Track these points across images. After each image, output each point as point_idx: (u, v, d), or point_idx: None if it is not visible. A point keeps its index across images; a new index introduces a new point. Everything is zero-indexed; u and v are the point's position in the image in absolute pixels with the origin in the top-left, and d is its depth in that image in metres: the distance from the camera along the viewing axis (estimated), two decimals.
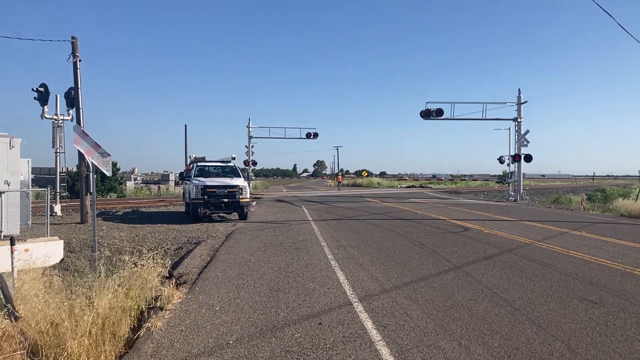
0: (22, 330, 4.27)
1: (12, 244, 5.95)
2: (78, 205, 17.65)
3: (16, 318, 4.38)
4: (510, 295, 6.28)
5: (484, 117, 30.69)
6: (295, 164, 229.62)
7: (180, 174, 22.19)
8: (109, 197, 31.92)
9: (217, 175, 18.26)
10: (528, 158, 30.32)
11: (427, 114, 29.90)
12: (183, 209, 21.47)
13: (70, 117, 19.14)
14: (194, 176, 17.42)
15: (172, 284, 6.62)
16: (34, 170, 29.26)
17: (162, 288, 6.07)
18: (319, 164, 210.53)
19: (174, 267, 8.33)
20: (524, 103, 30.63)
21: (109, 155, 7.54)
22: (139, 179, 53.45)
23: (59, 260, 8.81)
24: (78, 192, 19.22)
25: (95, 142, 7.42)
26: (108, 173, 7.68)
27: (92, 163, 7.44)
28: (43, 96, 17.98)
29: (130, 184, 41.43)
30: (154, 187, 42.87)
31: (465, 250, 10.01)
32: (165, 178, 51.28)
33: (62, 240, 9.49)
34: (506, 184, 37.13)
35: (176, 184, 45.23)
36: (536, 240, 11.52)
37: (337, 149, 78.64)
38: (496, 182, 74.52)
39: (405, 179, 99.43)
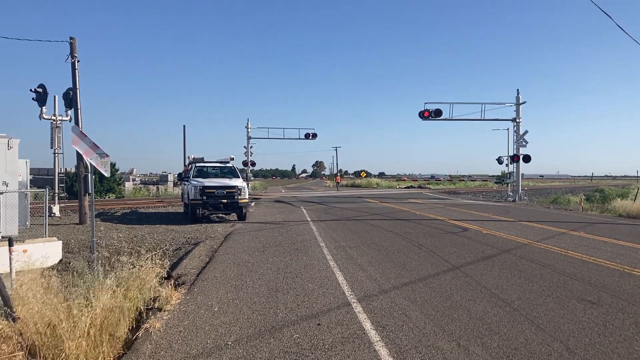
0: (21, 331, 4.26)
1: (11, 244, 5.94)
2: (76, 206, 17.62)
3: (14, 319, 4.37)
4: (509, 295, 6.28)
5: (482, 118, 30.77)
6: (294, 165, 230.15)
7: (179, 174, 22.17)
8: (107, 198, 31.85)
9: (216, 175, 18.25)
10: (527, 158, 30.38)
11: (426, 115, 29.95)
12: (182, 210, 21.45)
13: (69, 118, 19.11)
14: (193, 177, 17.40)
15: (171, 284, 6.61)
16: (33, 171, 29.18)
17: (161, 289, 6.06)
18: (318, 165, 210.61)
19: (172, 268, 8.31)
20: (523, 103, 30.69)
21: (107, 155, 7.53)
22: (137, 179, 53.39)
23: (57, 261, 8.80)
24: (76, 193, 19.19)
25: (93, 143, 7.41)
26: (106, 174, 7.66)
27: (91, 164, 7.43)
28: (41, 97, 17.95)
29: (128, 185, 41.38)
30: (153, 188, 42.82)
31: (464, 250, 10.01)
32: (163, 179, 51.21)
33: (61, 241, 9.48)
34: (505, 185, 37.20)
35: (175, 184, 45.16)
36: (535, 240, 11.53)
37: (336, 150, 78.74)
38: (495, 183, 74.57)
39: (404, 180, 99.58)
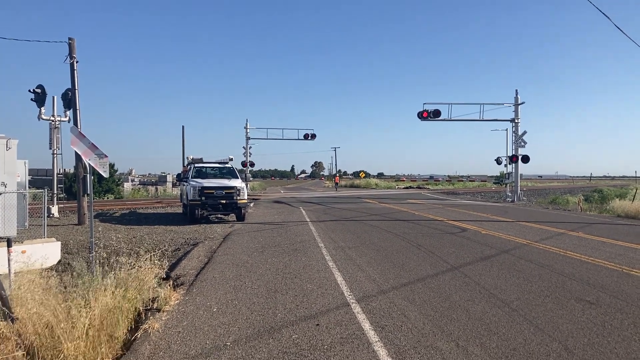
0: (19, 332, 4.26)
1: (9, 245, 5.94)
2: (75, 206, 17.59)
3: (13, 320, 4.37)
4: (508, 296, 6.29)
5: (481, 118, 30.82)
6: (293, 165, 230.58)
7: (178, 175, 22.16)
8: (106, 199, 31.82)
9: (215, 176, 18.26)
10: (525, 159, 30.40)
11: (425, 115, 29.96)
12: (181, 211, 21.42)
13: (67, 119, 19.08)
14: (192, 177, 17.40)
15: (170, 285, 6.61)
16: (31, 172, 29.16)
17: (160, 289, 6.05)
18: (317, 165, 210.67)
19: (171, 269, 8.31)
20: (522, 104, 30.71)
21: (106, 156, 7.52)
22: (136, 180, 53.34)
23: (56, 262, 8.79)
24: (75, 194, 19.16)
25: (92, 144, 7.40)
26: (105, 174, 7.66)
27: (89, 164, 7.42)
28: (40, 97, 17.92)
29: (127, 186, 41.34)
30: (152, 189, 42.78)
31: (463, 251, 10.02)
32: (162, 179, 51.17)
33: (60, 242, 9.47)
34: (503, 185, 37.23)
35: (174, 185, 45.17)
36: (533, 241, 11.55)
37: (335, 150, 78.90)
38: (493, 183, 74.63)
39: (403, 180, 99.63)
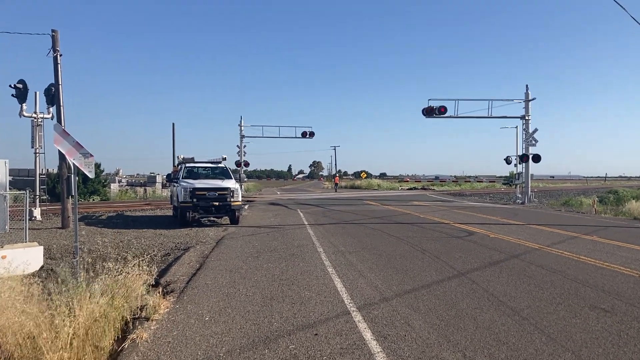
0: None
1: None
2: (59, 209, 17.56)
3: None
4: (518, 303, 6.29)
5: (489, 115, 30.87)
6: (290, 165, 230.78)
7: (168, 175, 22.16)
8: (91, 201, 31.78)
9: (207, 177, 18.26)
10: (536, 158, 30.43)
11: (430, 112, 29.99)
12: (171, 213, 21.42)
13: (51, 116, 19.06)
14: (182, 178, 17.39)
15: (159, 292, 6.59)
16: (12, 172, 29.15)
17: (148, 297, 6.04)
18: (316, 165, 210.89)
19: (160, 275, 8.30)
20: (532, 100, 30.80)
21: (91, 155, 7.51)
22: (123, 181, 53.27)
23: (38, 268, 8.78)
24: (59, 195, 19.13)
25: (77, 142, 7.39)
26: (91, 175, 7.64)
27: (74, 164, 7.41)
28: (21, 93, 17.90)
29: (114, 187, 41.28)
30: (140, 190, 42.76)
31: (470, 255, 10.03)
32: (151, 180, 51.13)
33: (42, 247, 9.45)
34: (513, 186, 37.31)
35: (163, 186, 45.15)
36: (545, 245, 11.56)
37: (335, 149, 78.91)
38: (502, 184, 74.85)
39: (407, 181, 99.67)
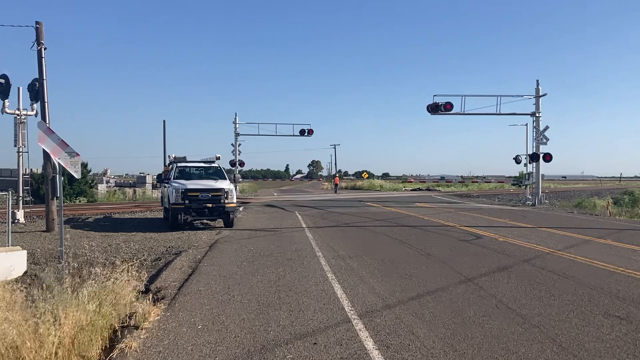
0: None
1: None
2: (43, 211, 17.55)
3: None
4: (528, 310, 6.30)
5: (498, 112, 30.86)
6: (287, 165, 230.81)
7: (159, 175, 22.17)
8: (78, 202, 31.75)
9: (200, 177, 18.27)
10: (547, 157, 30.46)
11: (435, 108, 29.95)
12: (161, 215, 21.40)
13: (35, 112, 19.02)
14: (174, 178, 17.40)
15: (149, 299, 6.59)
16: None
17: (138, 304, 6.05)
18: (315, 165, 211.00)
19: (151, 281, 8.30)
20: (543, 96, 30.85)
21: (77, 155, 7.53)
22: (112, 181, 53.21)
23: (21, 273, 8.78)
24: (43, 197, 19.12)
25: (62, 140, 7.41)
26: (77, 175, 7.67)
27: (59, 164, 7.42)
28: (4, 88, 17.88)
29: (102, 187, 41.25)
30: (129, 191, 42.71)
31: (478, 260, 10.04)
32: (141, 180, 51.07)
33: (25, 251, 9.45)
34: (523, 187, 37.31)
35: (154, 187, 45.09)
36: (556, 249, 11.58)
37: (335, 148, 79.02)
38: (512, 185, 74.92)
39: (411, 182, 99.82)
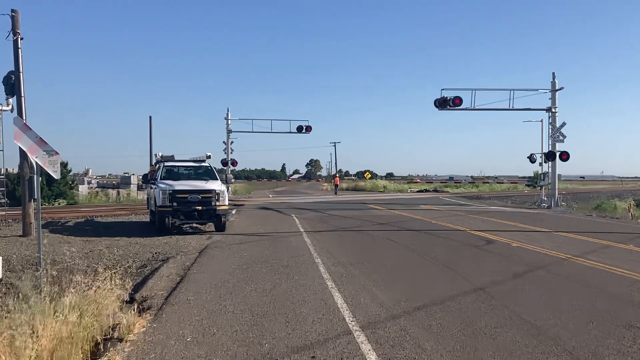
0: None
1: None
2: (19, 214, 17.54)
3: None
4: (543, 321, 6.30)
5: (511, 107, 30.82)
6: (284, 164, 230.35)
7: (144, 176, 22.15)
8: (57, 205, 31.77)
9: (189, 177, 18.25)
10: (564, 156, 30.41)
11: (443, 103, 29.89)
12: (147, 219, 21.39)
13: (10, 108, 18.96)
14: (161, 179, 17.38)
15: (134, 309, 6.59)
16: None
17: (122, 314, 6.05)
18: (313, 164, 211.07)
19: (136, 290, 8.30)
20: (560, 90, 30.83)
21: (57, 153, 7.52)
22: (94, 182, 53.25)
23: None
24: (19, 199, 19.11)
25: (40, 138, 7.40)
26: (56, 175, 7.65)
27: (37, 163, 7.41)
28: None
29: (83, 189, 41.29)
30: (113, 192, 42.72)
31: (489, 267, 10.05)
32: (125, 181, 51.11)
33: (0, 257, 9.44)
34: (538, 188, 37.37)
35: (139, 188, 45.10)
36: (574, 255, 11.59)
37: (335, 146, 79.15)
38: (526, 185, 75.06)
39: (417, 182, 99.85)
